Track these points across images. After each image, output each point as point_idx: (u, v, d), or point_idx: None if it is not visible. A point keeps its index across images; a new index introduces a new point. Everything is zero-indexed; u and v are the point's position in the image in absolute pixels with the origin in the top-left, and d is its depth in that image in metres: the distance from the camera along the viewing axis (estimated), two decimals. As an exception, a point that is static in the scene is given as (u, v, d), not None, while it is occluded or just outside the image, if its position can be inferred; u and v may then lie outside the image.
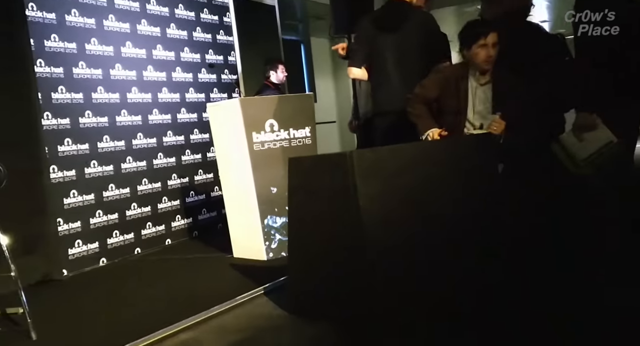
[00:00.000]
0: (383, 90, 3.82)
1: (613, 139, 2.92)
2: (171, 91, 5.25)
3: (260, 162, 4.01)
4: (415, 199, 2.69)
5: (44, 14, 4.22)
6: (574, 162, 3.04)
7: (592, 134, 2.95)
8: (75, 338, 2.75)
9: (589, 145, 2.96)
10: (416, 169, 2.74)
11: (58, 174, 4.22)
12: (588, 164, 2.98)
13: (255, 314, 2.89)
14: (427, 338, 2.35)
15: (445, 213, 2.76)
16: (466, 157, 2.99)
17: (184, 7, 5.46)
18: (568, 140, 3.06)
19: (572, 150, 3.03)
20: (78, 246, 4.32)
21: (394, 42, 3.77)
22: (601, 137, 2.94)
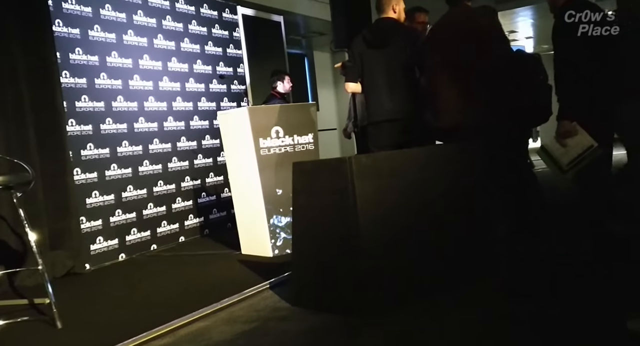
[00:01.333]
0: (373, 102, 3.86)
1: (593, 144, 2.90)
2: (185, 100, 5.26)
3: (267, 166, 4.01)
4: (406, 198, 2.75)
5: (69, 29, 4.25)
6: (559, 167, 3.03)
7: (573, 140, 2.93)
8: (97, 327, 2.77)
9: (572, 150, 2.95)
10: (407, 172, 2.81)
11: (81, 176, 4.24)
12: (572, 168, 2.97)
13: (262, 306, 2.89)
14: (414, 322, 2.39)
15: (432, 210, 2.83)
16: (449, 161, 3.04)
17: (197, 23, 5.48)
18: (552, 146, 3.05)
19: (557, 156, 3.02)
20: (99, 242, 4.34)
21: (381, 58, 3.78)
22: (582, 142, 2.92)
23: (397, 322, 2.41)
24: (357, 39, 3.93)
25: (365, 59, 3.84)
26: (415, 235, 2.73)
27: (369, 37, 3.84)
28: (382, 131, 3.82)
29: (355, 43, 3.92)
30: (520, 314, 2.38)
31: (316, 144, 4.35)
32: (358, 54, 3.87)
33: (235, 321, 2.68)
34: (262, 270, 3.52)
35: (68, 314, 2.84)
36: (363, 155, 3.18)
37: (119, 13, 4.68)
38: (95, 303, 3.28)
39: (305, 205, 2.83)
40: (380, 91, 3.80)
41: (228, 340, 2.43)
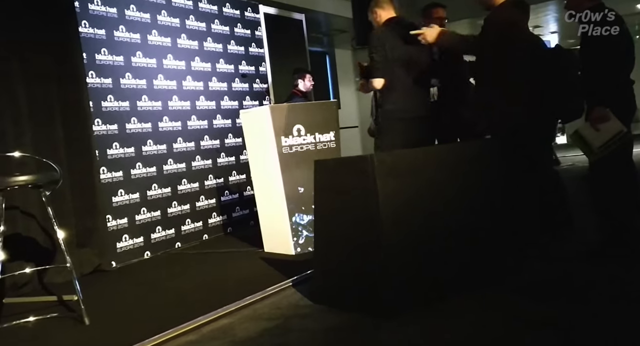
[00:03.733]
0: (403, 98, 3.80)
1: (623, 129, 3.05)
2: (208, 99, 5.29)
3: (289, 164, 4.01)
4: (427, 197, 2.73)
5: (95, 30, 4.31)
6: (591, 149, 3.16)
7: (605, 125, 3.05)
8: (123, 323, 2.80)
9: (603, 134, 3.07)
10: (429, 170, 2.78)
11: (107, 175, 4.29)
12: (602, 151, 3.10)
13: (284, 304, 2.89)
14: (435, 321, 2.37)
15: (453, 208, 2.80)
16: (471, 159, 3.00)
17: (220, 23, 5.51)
18: (585, 131, 3.16)
19: (589, 139, 3.14)
20: (125, 240, 4.39)
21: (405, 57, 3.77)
22: (613, 127, 3.05)
23: (416, 323, 2.39)
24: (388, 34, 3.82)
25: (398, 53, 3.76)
26: (436, 234, 2.70)
27: (403, 33, 3.75)
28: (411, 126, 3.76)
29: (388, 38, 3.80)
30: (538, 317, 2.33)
31: (338, 142, 4.33)
32: (391, 48, 3.76)
33: (259, 319, 2.69)
34: (284, 268, 3.52)
35: (95, 310, 2.88)
36: (385, 153, 3.16)
37: (143, 13, 4.73)
38: (121, 299, 3.32)
39: (327, 203, 2.83)
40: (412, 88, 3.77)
41: (251, 337, 2.45)
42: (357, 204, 2.63)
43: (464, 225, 2.81)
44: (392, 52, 3.75)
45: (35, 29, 3.85)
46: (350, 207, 2.68)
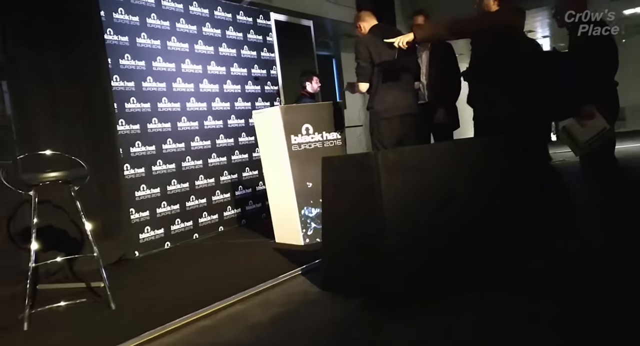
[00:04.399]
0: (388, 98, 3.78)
1: (607, 126, 3.09)
2: (223, 101, 5.30)
3: (298, 161, 4.02)
4: (430, 192, 2.68)
5: (119, 37, 4.33)
6: (577, 144, 3.20)
7: (591, 122, 3.10)
8: (145, 308, 2.82)
9: (589, 130, 3.12)
10: (431, 166, 2.73)
11: (130, 171, 4.31)
12: (588, 146, 3.14)
13: (294, 291, 2.90)
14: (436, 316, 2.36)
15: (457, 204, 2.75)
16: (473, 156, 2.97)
17: (234, 29, 5.51)
18: (572, 127, 3.20)
19: (576, 135, 3.18)
20: (147, 232, 4.41)
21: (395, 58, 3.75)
22: (598, 124, 3.10)
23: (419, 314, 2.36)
24: (370, 39, 3.80)
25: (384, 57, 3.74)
26: (439, 229, 2.65)
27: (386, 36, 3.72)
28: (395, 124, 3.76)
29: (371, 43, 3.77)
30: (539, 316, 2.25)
31: (344, 140, 4.33)
32: (375, 52, 3.75)
33: (270, 305, 2.69)
34: (294, 258, 3.53)
35: (120, 296, 2.91)
36: (389, 150, 3.15)
37: (163, 21, 4.73)
38: (144, 286, 3.35)
39: (333, 197, 2.83)
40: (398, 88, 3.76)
41: (264, 322, 2.46)
42: (362, 198, 2.61)
43: (467, 221, 2.75)
44: (377, 56, 3.74)
45: (65, 37, 3.86)
46: (356, 201, 2.67)
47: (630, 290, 2.44)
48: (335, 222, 2.82)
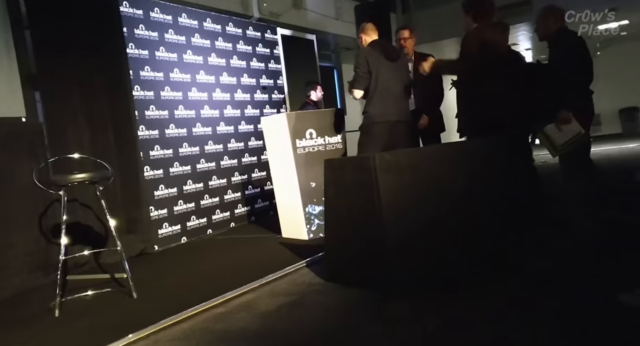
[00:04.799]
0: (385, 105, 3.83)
1: (582, 130, 3.13)
2: (234, 108, 5.30)
3: (302, 163, 4.03)
4: (424, 190, 2.71)
5: (139, 51, 4.35)
6: (554, 147, 3.23)
7: (568, 126, 3.14)
8: (164, 297, 2.83)
9: (566, 134, 3.15)
10: (425, 167, 2.76)
11: (150, 173, 4.33)
12: (564, 148, 3.18)
13: (300, 281, 2.90)
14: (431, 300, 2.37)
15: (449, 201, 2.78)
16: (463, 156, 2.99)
17: (244, 43, 5.52)
18: (550, 131, 3.23)
19: (553, 138, 3.22)
20: (165, 228, 4.42)
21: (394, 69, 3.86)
22: (574, 129, 3.13)
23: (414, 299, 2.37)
24: (371, 51, 3.85)
25: (382, 68, 3.80)
26: (433, 223, 2.67)
27: (384, 51, 3.83)
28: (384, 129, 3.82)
29: (371, 55, 3.82)
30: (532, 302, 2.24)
31: (344, 143, 4.34)
32: (375, 64, 3.79)
33: (278, 294, 2.70)
34: (299, 251, 3.54)
35: (141, 287, 2.92)
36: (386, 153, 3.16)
37: (179, 36, 4.75)
38: (163, 278, 3.35)
39: (335, 195, 2.84)
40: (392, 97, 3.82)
41: (272, 310, 2.47)
42: (361, 196, 2.63)
43: (461, 215, 2.77)
44: (375, 67, 3.79)
45: (91, 51, 3.89)
46: (355, 198, 2.68)
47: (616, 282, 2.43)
48: (336, 218, 2.83)
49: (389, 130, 3.77)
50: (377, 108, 3.79)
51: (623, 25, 9.36)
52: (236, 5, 5.91)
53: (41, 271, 3.44)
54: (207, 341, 2.14)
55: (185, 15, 4.83)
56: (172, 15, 4.68)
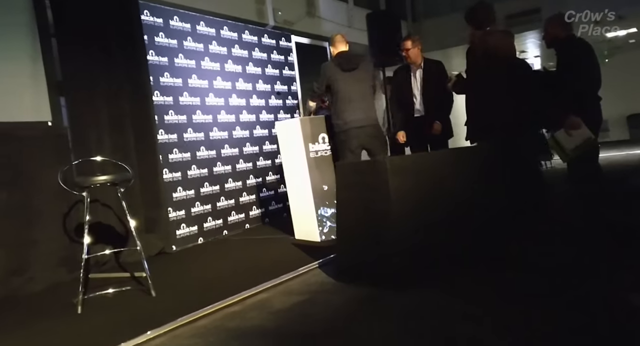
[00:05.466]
0: (347, 113, 3.93)
1: (591, 135, 3.12)
2: (249, 113, 5.33)
3: (315, 166, 4.01)
4: (431, 192, 2.72)
5: (159, 58, 4.40)
6: (565, 151, 3.22)
7: (577, 132, 3.12)
8: (182, 296, 2.85)
9: (575, 139, 3.14)
10: (432, 170, 2.78)
11: (169, 175, 4.37)
12: (574, 153, 3.16)
13: (312, 281, 2.90)
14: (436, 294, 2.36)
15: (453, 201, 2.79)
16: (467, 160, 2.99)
17: (259, 50, 5.56)
18: (560, 136, 3.22)
19: (563, 143, 3.21)
20: (183, 228, 4.45)
21: (352, 78, 3.94)
22: (584, 134, 3.12)
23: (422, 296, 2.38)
24: (329, 65, 4.01)
25: (340, 79, 3.93)
26: (438, 223, 2.68)
27: (342, 62, 3.95)
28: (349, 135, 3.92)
29: (329, 69, 3.98)
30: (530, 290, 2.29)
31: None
32: (332, 77, 3.95)
33: (291, 293, 2.70)
34: (312, 252, 3.53)
35: (160, 285, 2.94)
36: (396, 156, 3.17)
37: (197, 44, 4.80)
38: (180, 276, 3.37)
39: (346, 198, 2.84)
40: (353, 104, 3.90)
41: (286, 308, 2.47)
42: (372, 198, 2.63)
43: (465, 216, 2.79)
44: (334, 81, 3.94)
45: (114, 58, 3.95)
46: (366, 201, 2.68)
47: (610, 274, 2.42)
48: (348, 220, 2.84)
49: (357, 135, 3.89)
50: (340, 117, 3.94)
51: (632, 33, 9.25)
52: (252, 14, 5.96)
53: (65, 268, 3.48)
54: (223, 338, 2.15)
55: (203, 23, 4.88)
56: (190, 24, 4.73)
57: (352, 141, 3.90)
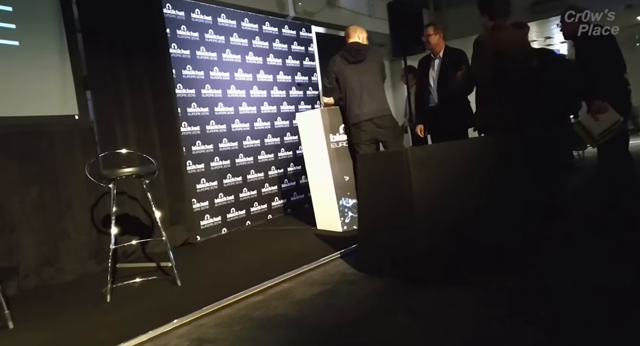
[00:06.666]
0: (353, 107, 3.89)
1: (620, 119, 2.99)
2: (270, 105, 5.34)
3: (336, 157, 4.01)
4: (453, 183, 2.68)
5: (181, 50, 4.43)
6: (592, 137, 3.10)
7: (604, 115, 2.99)
8: (207, 285, 2.88)
9: (602, 123, 3.01)
10: (454, 161, 2.73)
11: (192, 167, 4.42)
12: (602, 138, 3.04)
13: (334, 272, 2.90)
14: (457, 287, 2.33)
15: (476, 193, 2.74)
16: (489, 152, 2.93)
17: (280, 41, 5.54)
18: (586, 121, 3.11)
19: (590, 128, 3.08)
20: (207, 219, 4.51)
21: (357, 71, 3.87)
22: (611, 117, 2.99)
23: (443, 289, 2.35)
24: (336, 59, 3.96)
25: (346, 73, 3.89)
26: (460, 213, 2.64)
27: (349, 56, 3.91)
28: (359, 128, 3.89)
29: (336, 63, 3.94)
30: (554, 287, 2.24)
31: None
32: (339, 70, 3.91)
33: (313, 284, 2.71)
34: (333, 243, 3.53)
35: (185, 275, 2.98)
36: (417, 147, 3.12)
37: (219, 36, 4.81)
38: (205, 266, 3.41)
39: (368, 189, 2.82)
40: (361, 97, 3.85)
41: (308, 298, 2.48)
42: (394, 189, 2.61)
43: (484, 205, 2.75)
44: (340, 75, 3.92)
45: (137, 52, 3.99)
46: (388, 191, 2.66)
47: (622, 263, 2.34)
48: (369, 211, 2.82)
49: (367, 128, 3.85)
50: (350, 110, 3.92)
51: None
52: (272, 5, 5.93)
53: (94, 259, 3.57)
54: (248, 327, 2.16)
55: (224, 15, 4.88)
56: (211, 16, 4.74)
57: (362, 134, 3.87)
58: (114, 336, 2.15)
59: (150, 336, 2.16)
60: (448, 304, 2.17)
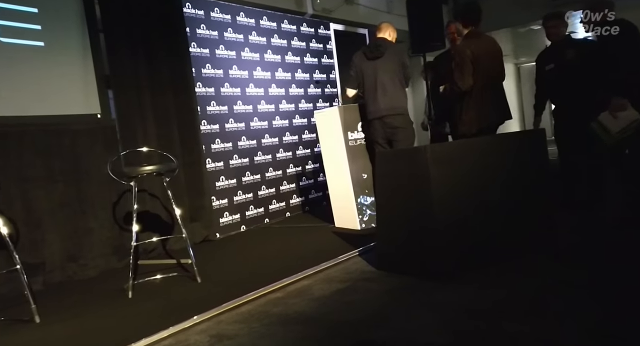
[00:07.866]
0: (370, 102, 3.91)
1: (639, 117, 2.96)
2: (288, 103, 5.35)
3: (354, 155, 4.00)
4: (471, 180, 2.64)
5: (201, 49, 4.46)
6: (610, 134, 3.08)
7: (623, 113, 2.98)
8: (226, 282, 2.90)
9: (621, 121, 3.00)
10: (472, 158, 2.69)
11: (211, 165, 4.45)
12: (620, 135, 3.03)
13: (352, 269, 2.90)
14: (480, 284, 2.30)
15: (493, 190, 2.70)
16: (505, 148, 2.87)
17: (298, 39, 5.54)
18: (605, 118, 3.08)
19: (609, 126, 3.07)
20: (226, 216, 4.54)
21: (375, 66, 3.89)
22: (630, 116, 2.98)
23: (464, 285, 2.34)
24: (357, 54, 4.01)
25: (365, 68, 3.91)
26: (479, 210, 2.61)
27: (368, 51, 3.93)
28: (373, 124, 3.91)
29: (357, 57, 3.99)
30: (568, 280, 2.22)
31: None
32: (359, 65, 3.94)
33: (332, 281, 2.71)
34: (352, 240, 3.53)
35: (205, 271, 3.01)
36: (436, 144, 3.09)
37: (237, 34, 4.83)
38: (224, 263, 3.44)
39: (386, 186, 2.80)
40: (375, 94, 3.85)
41: (326, 295, 2.48)
42: (413, 186, 2.59)
43: (502, 202, 2.70)
44: (359, 70, 3.95)
45: (157, 51, 4.03)
46: (406, 189, 2.64)
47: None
48: (388, 208, 2.80)
49: (379, 126, 3.86)
50: (367, 107, 3.93)
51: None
52: (290, 3, 5.92)
53: (116, 255, 3.63)
54: (267, 323, 2.18)
55: (243, 14, 4.91)
56: (230, 15, 4.77)
57: (374, 132, 3.88)
58: (136, 331, 2.19)
59: (171, 332, 2.18)
60: (468, 301, 2.16)
